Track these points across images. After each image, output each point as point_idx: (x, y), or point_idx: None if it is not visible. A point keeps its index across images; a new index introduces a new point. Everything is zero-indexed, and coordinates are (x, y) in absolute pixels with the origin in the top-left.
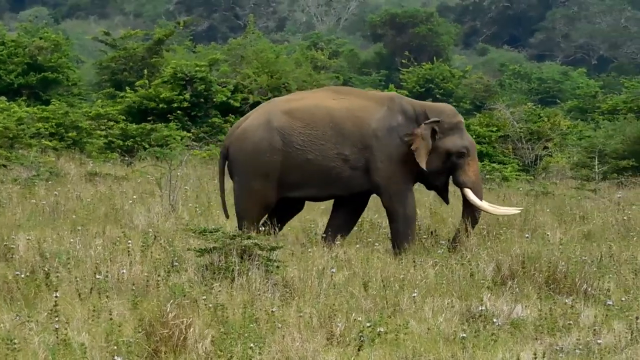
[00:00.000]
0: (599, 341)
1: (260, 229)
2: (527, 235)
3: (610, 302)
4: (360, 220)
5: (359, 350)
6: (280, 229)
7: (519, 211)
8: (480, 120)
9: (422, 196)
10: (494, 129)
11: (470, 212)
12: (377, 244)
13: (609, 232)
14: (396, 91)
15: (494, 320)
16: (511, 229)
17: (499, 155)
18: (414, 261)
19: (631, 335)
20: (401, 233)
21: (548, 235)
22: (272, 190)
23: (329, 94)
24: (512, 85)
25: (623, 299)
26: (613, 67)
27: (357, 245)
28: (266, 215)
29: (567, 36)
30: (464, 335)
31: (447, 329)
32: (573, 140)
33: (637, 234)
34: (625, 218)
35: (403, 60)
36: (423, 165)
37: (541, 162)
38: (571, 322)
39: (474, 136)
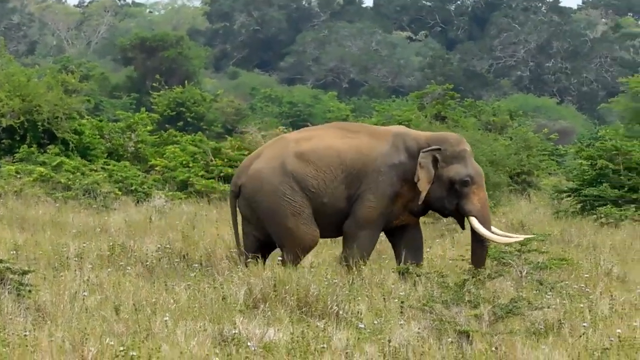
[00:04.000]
0: None
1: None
2: (279, 258)
3: (362, 325)
4: (112, 244)
5: None
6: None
7: (525, 238)
8: (232, 143)
9: (174, 219)
10: (246, 152)
11: (479, 242)
12: (128, 267)
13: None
14: (147, 115)
15: (247, 343)
16: None
17: None
18: (166, 284)
19: (383, 358)
20: (351, 258)
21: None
22: (308, 225)
23: (337, 132)
24: (263, 109)
25: (375, 322)
26: (364, 90)
27: (109, 269)
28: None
29: (318, 59)
30: (217, 359)
31: (199, 352)
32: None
33: (388, 256)
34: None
35: (154, 84)
36: (423, 193)
37: None
38: (324, 345)
39: (224, 160)
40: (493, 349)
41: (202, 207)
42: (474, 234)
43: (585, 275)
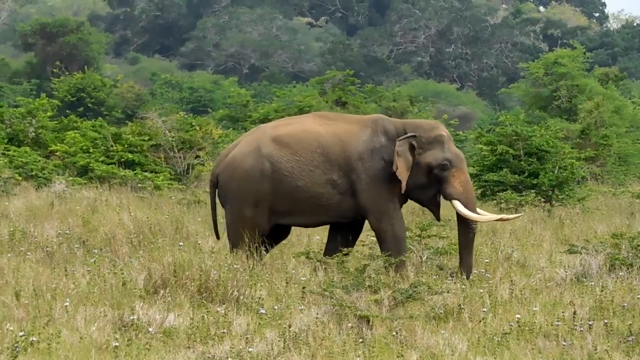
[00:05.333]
0: (250, 349)
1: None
2: (180, 243)
3: (263, 311)
4: (12, 229)
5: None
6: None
7: (514, 217)
8: (132, 129)
9: (75, 205)
10: (146, 137)
11: (465, 224)
12: (29, 253)
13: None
14: (47, 100)
15: (147, 328)
16: (163, 238)
17: (151, 164)
18: (67, 270)
19: (284, 343)
20: (393, 253)
21: (200, 243)
22: (264, 218)
23: (316, 119)
24: (163, 94)
25: (275, 307)
26: (264, 76)
27: (9, 255)
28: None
29: (218, 45)
30: (117, 344)
31: (99, 337)
32: (225, 148)
33: (288, 242)
34: None
35: (54, 70)
36: (404, 182)
37: (193, 171)
38: (224, 330)
39: (125, 145)
40: (393, 333)
41: (102, 192)
42: (459, 217)
43: (485, 261)
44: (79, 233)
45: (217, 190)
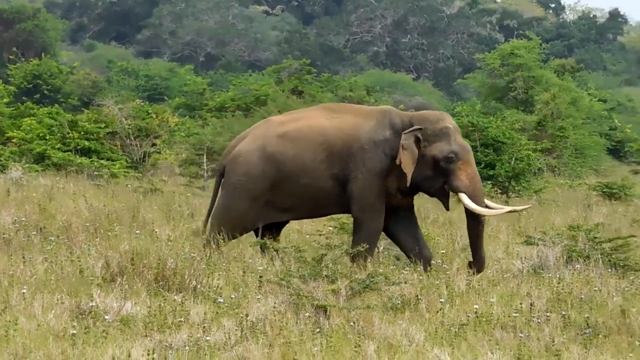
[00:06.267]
0: (208, 338)
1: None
2: (137, 231)
3: (220, 300)
4: None
5: None
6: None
7: (521, 209)
8: (89, 116)
9: (32, 192)
10: (102, 125)
11: (472, 217)
12: None
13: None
14: (3, 87)
15: (104, 316)
16: (120, 226)
17: (107, 151)
18: (24, 257)
19: (241, 332)
20: (360, 244)
21: (157, 232)
22: (256, 214)
23: (324, 112)
24: (119, 82)
25: (232, 296)
26: (220, 64)
27: None
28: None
29: (174, 33)
30: (74, 331)
31: (57, 325)
32: (181, 137)
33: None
34: None
35: (10, 56)
36: (409, 175)
37: (150, 159)
38: (181, 319)
39: (81, 132)
40: (351, 323)
41: (59, 180)
42: (467, 211)
43: (442, 251)
44: (35, 220)
45: (221, 180)
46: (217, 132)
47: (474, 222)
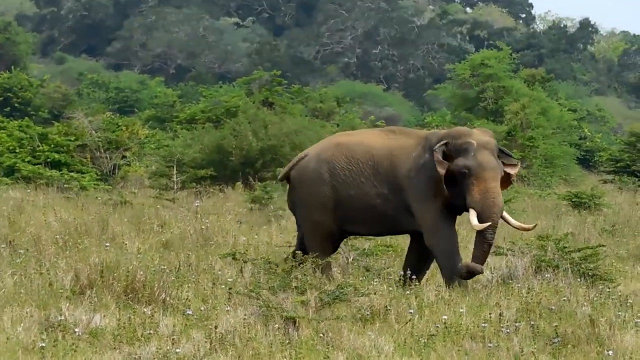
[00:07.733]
0: (177, 350)
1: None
2: (106, 244)
3: (190, 312)
4: None
5: None
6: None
7: (532, 228)
8: (59, 129)
9: (1, 205)
10: (73, 138)
11: (480, 234)
12: None
13: (188, 241)
14: None
15: (73, 329)
16: (89, 238)
17: (77, 164)
18: None
19: (210, 344)
20: (444, 267)
21: (126, 244)
22: (332, 221)
23: (381, 133)
24: (90, 94)
25: (202, 308)
26: (191, 76)
27: None
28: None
29: (145, 45)
30: (43, 344)
31: (26, 338)
32: (151, 149)
33: (215, 243)
34: (203, 227)
35: None
36: (444, 190)
37: (119, 171)
38: (150, 331)
39: (51, 145)
40: (320, 335)
41: (28, 193)
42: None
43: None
44: (5, 233)
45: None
46: (187, 144)
47: (481, 241)
